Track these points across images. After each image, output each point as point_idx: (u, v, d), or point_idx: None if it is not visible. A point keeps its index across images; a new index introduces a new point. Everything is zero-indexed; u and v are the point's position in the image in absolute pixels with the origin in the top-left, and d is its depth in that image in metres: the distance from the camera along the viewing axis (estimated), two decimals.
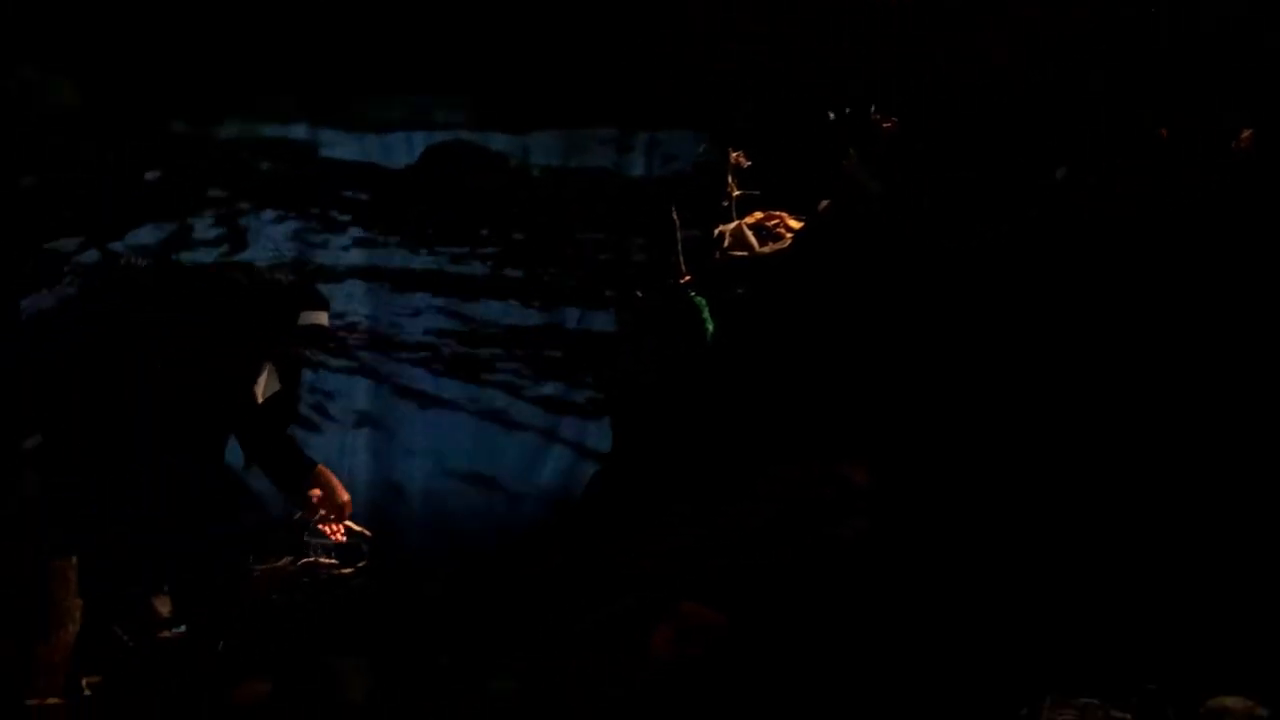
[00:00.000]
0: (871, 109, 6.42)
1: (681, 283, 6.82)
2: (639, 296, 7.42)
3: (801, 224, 6.63)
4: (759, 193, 6.94)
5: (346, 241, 9.68)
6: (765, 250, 6.68)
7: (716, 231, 6.87)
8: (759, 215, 6.84)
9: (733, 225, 6.82)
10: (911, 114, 6.09)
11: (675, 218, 6.99)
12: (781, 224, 6.75)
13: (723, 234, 6.83)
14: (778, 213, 6.81)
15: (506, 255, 9.81)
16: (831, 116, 6.76)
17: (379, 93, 9.50)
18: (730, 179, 6.99)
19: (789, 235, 6.67)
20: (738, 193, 6.96)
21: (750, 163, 7.00)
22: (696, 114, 8.30)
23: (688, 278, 6.84)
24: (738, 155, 7.03)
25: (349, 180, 9.72)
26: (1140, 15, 5.44)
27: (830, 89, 6.76)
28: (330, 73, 9.17)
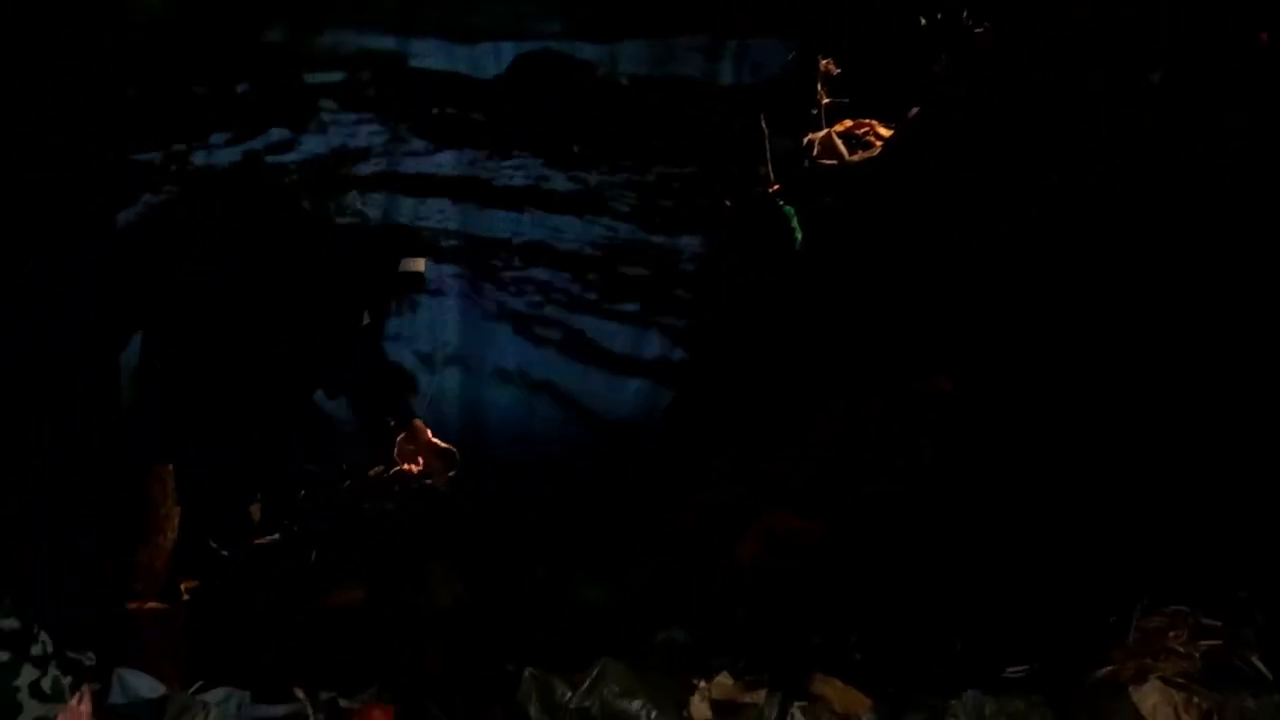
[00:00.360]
0: (964, 14, 6.33)
1: (770, 192, 6.80)
2: (728, 206, 7.40)
3: (891, 132, 6.57)
4: (849, 100, 6.88)
5: (435, 154, 9.70)
6: (855, 159, 6.63)
7: (806, 140, 6.82)
8: (849, 123, 6.78)
9: (822, 134, 6.78)
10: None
11: (764, 126, 6.96)
12: (871, 132, 6.69)
13: (812, 142, 6.79)
14: (867, 120, 6.75)
15: (594, 168, 9.80)
16: (923, 22, 6.66)
17: (469, 2, 9.47)
18: (820, 87, 6.94)
19: (879, 143, 6.61)
20: (827, 101, 6.90)
21: (840, 70, 6.94)
22: (786, 21, 8.19)
23: (777, 187, 6.81)
24: (827, 63, 6.97)
25: (438, 91, 9.71)
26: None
27: None
28: None
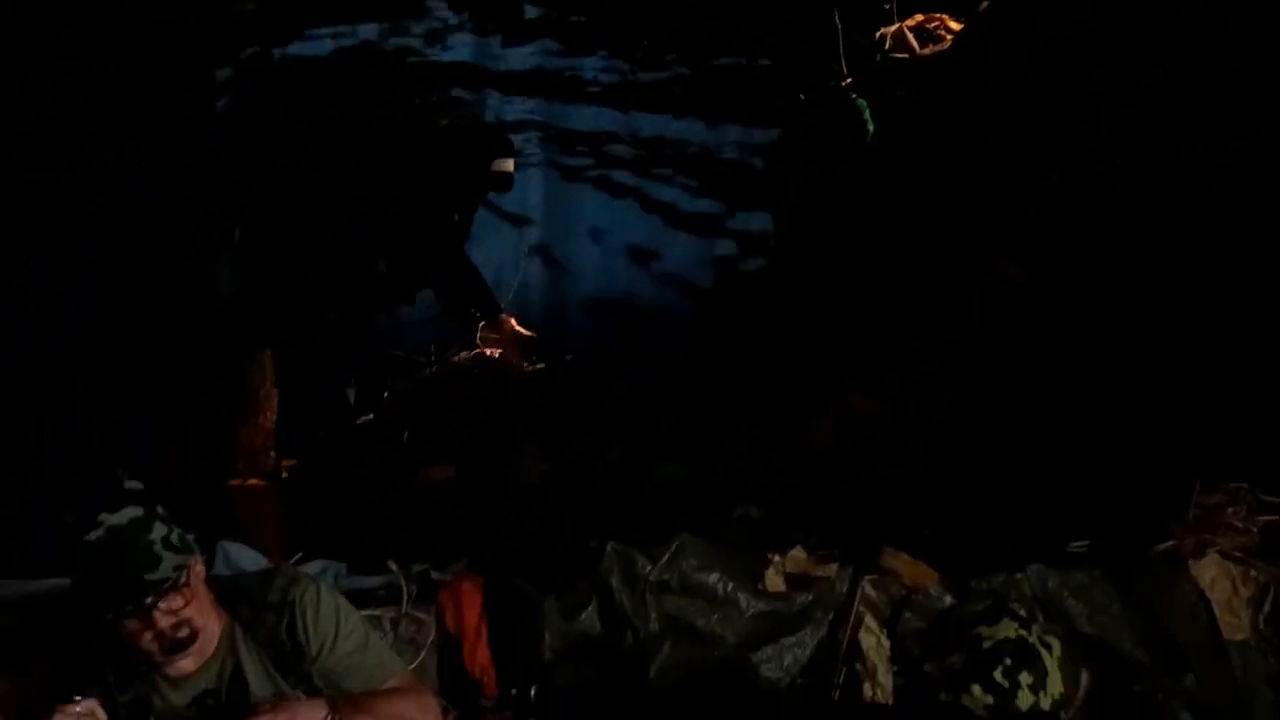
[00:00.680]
0: None
1: (843, 85, 6.85)
2: (802, 99, 7.44)
3: (962, 26, 6.61)
4: None
5: (518, 48, 9.78)
6: (925, 52, 6.67)
7: (878, 34, 6.86)
8: (920, 17, 6.80)
9: (894, 27, 6.80)
10: None
11: (837, 20, 6.98)
12: (942, 26, 6.71)
13: (884, 36, 6.82)
14: (939, 15, 6.77)
15: (669, 62, 9.86)
16: None
17: None
18: None
19: (949, 37, 6.64)
20: None
21: None
22: None
23: (849, 80, 6.86)
24: None
25: None
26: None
27: None
28: None
